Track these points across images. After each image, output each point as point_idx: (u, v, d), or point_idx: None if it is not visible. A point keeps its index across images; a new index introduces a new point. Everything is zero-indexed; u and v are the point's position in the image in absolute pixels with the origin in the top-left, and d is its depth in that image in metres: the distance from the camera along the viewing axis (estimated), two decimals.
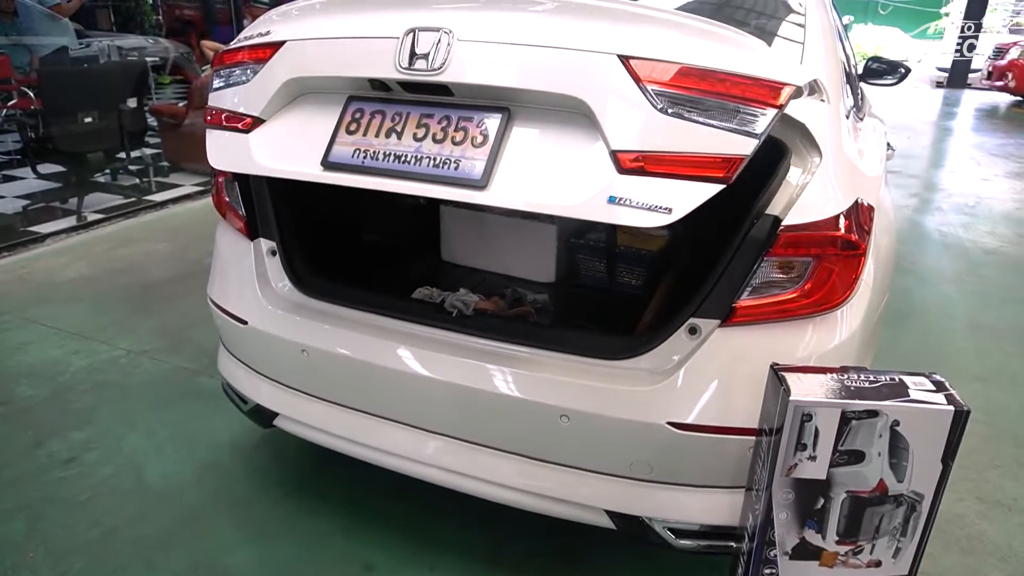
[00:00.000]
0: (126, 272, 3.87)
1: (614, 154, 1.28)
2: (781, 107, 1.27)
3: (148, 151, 6.14)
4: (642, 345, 1.50)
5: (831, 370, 1.24)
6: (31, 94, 6.02)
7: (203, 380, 2.74)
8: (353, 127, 1.52)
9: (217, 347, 2.11)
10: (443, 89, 1.45)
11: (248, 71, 1.64)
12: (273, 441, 2.38)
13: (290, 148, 1.58)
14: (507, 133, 1.40)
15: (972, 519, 2.11)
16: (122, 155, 5.27)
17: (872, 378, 1.20)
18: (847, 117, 1.90)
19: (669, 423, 1.43)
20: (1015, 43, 11.82)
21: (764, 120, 1.25)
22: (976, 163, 7.27)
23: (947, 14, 23.90)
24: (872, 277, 1.59)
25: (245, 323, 1.84)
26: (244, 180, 1.90)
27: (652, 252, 2.28)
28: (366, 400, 1.73)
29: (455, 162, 1.40)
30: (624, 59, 1.29)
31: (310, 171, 1.52)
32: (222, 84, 1.69)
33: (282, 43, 1.60)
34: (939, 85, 14.93)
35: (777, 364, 1.26)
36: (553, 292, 2.34)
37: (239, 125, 1.64)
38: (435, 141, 1.44)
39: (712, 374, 1.44)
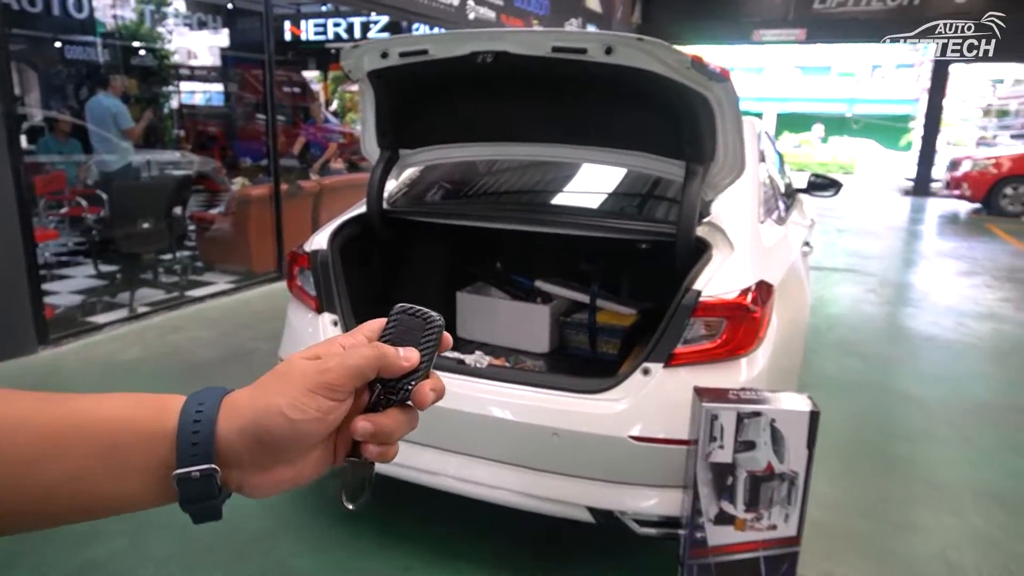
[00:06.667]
0: (175, 355, 4.46)
1: None
2: None
3: (183, 252, 6.86)
4: (610, 383, 2.10)
5: (732, 390, 1.84)
6: (84, 203, 6.82)
7: None
8: None
9: None
10: None
11: None
12: (319, 483, 2.90)
13: None
14: None
15: (884, 539, 2.63)
16: (167, 255, 5.96)
17: (758, 394, 1.80)
18: (762, 223, 2.58)
19: (630, 436, 2.01)
20: (967, 156, 12.98)
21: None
22: (928, 263, 8.04)
23: (913, 128, 25.57)
24: (776, 334, 2.21)
25: None
26: (315, 270, 2.55)
27: (625, 327, 2.90)
28: None
29: None
30: None
31: None
32: None
33: None
34: (907, 193, 16.07)
35: (697, 386, 1.86)
36: (547, 359, 2.95)
37: None
38: None
39: (659, 402, 2.03)
